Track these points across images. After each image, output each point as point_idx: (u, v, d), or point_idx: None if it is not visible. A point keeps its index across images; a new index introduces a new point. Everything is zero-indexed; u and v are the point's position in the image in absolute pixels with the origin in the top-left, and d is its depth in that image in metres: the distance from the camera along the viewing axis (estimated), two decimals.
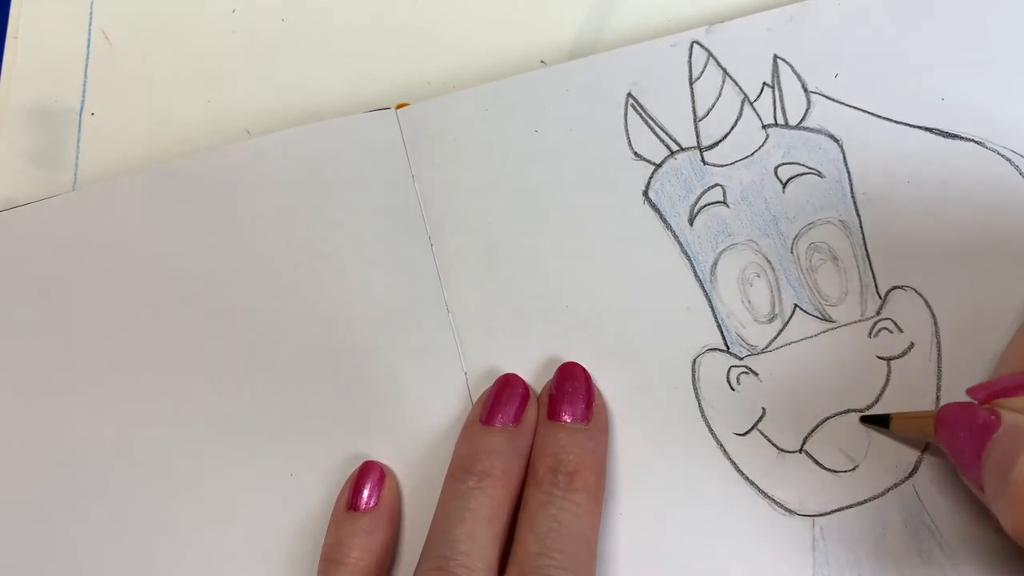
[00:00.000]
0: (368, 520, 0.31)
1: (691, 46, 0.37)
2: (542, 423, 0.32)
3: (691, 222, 0.35)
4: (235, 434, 0.34)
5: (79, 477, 0.34)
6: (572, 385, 0.33)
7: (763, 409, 0.33)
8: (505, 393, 0.32)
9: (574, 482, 0.30)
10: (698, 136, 0.36)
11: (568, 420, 0.32)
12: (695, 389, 0.33)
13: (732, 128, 0.36)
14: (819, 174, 0.35)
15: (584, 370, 0.33)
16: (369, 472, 0.32)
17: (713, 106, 0.36)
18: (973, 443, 0.26)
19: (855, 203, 0.34)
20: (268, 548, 0.33)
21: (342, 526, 0.32)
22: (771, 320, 0.34)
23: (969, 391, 0.27)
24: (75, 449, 0.34)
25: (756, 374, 0.33)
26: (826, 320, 0.33)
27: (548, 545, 0.29)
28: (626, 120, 0.36)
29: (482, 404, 0.33)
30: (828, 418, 0.32)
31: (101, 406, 0.34)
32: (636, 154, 0.36)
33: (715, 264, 0.34)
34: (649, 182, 0.35)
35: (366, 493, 0.32)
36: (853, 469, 0.32)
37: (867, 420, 0.32)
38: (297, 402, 0.34)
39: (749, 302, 0.34)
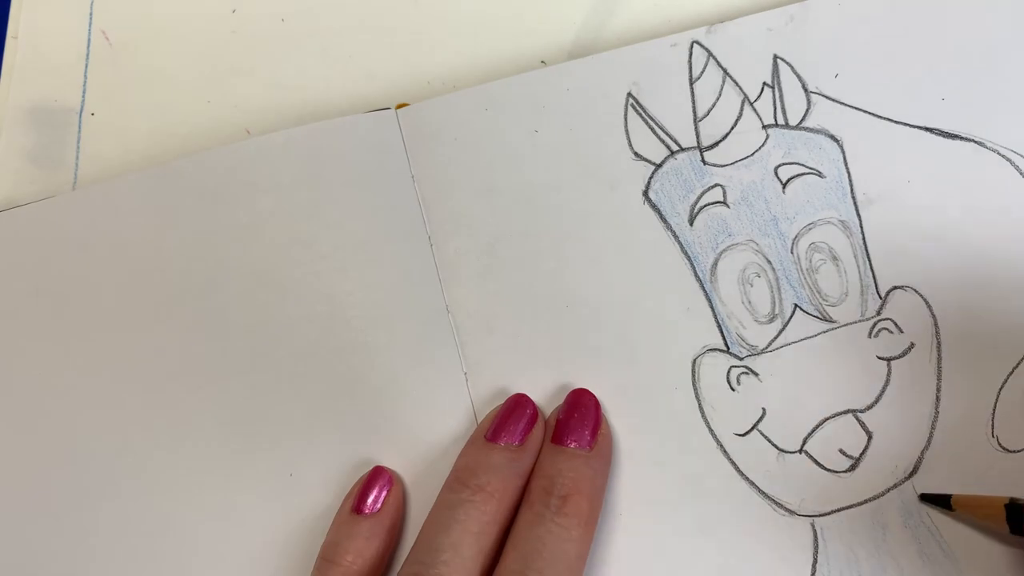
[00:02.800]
0: (369, 525, 0.31)
1: (691, 46, 0.37)
2: (545, 446, 0.32)
3: (691, 222, 0.35)
4: (234, 434, 0.34)
5: (79, 477, 0.34)
6: (581, 412, 0.32)
7: (763, 409, 0.33)
8: (514, 413, 0.32)
9: (565, 506, 0.30)
10: (698, 136, 0.36)
11: (571, 446, 0.32)
12: (695, 389, 0.33)
13: (732, 128, 0.36)
14: (819, 174, 0.35)
15: (594, 398, 0.33)
16: (378, 478, 0.32)
17: (713, 106, 0.36)
18: None
19: (855, 203, 0.34)
20: (267, 547, 0.33)
21: (343, 527, 0.32)
22: (771, 320, 0.34)
23: None
24: (74, 449, 0.34)
25: (756, 374, 0.33)
26: (826, 320, 0.33)
27: (528, 564, 0.29)
28: (626, 120, 0.36)
29: (490, 421, 0.33)
30: (828, 418, 0.32)
31: (101, 406, 0.34)
32: (636, 154, 0.36)
33: (715, 264, 0.34)
34: (649, 182, 0.35)
35: (371, 498, 0.32)
36: (853, 469, 0.32)
37: (926, 498, 0.31)
38: (297, 402, 0.34)
39: (749, 302, 0.34)
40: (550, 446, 0.32)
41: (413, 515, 0.33)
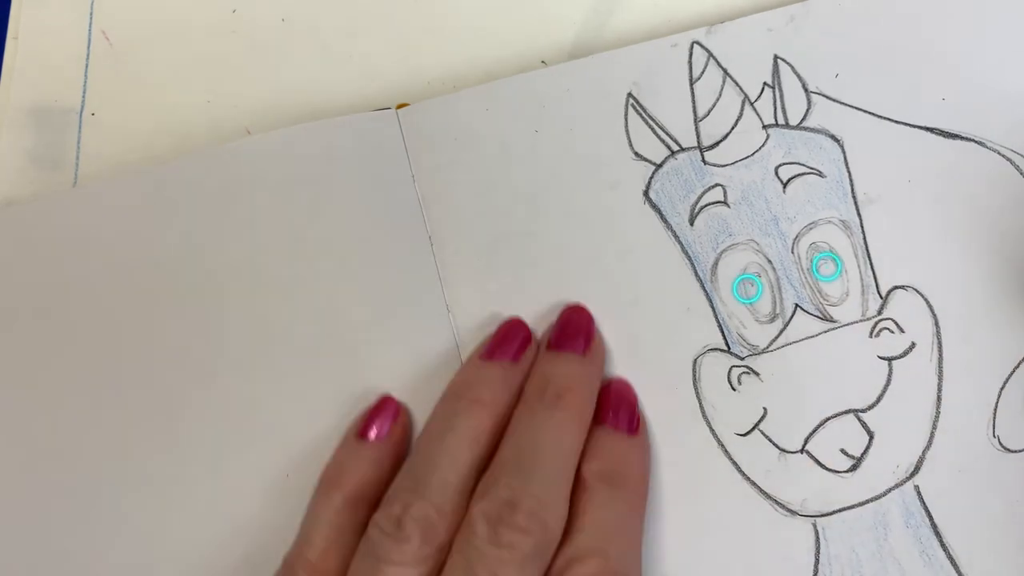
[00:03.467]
0: (373, 451, 0.32)
1: (691, 46, 0.37)
2: (539, 354, 0.33)
3: (692, 222, 0.35)
4: (233, 434, 0.34)
5: (77, 476, 0.33)
6: (575, 324, 0.33)
7: (764, 409, 0.33)
8: (508, 333, 0.33)
9: (560, 401, 0.30)
10: (698, 136, 0.36)
11: (566, 352, 0.32)
12: (696, 389, 0.33)
13: (733, 128, 0.36)
14: (820, 174, 0.35)
15: (587, 312, 0.34)
16: (385, 407, 0.33)
17: (713, 106, 0.36)
18: None
19: (856, 203, 0.34)
20: (265, 548, 0.33)
21: (347, 451, 0.32)
22: (772, 320, 0.34)
23: None
24: (73, 448, 0.34)
25: (757, 374, 0.33)
26: (827, 320, 0.33)
27: (525, 453, 0.29)
28: (626, 120, 0.36)
29: (484, 342, 0.33)
30: (829, 418, 0.32)
31: (100, 405, 0.34)
32: (636, 154, 0.36)
33: (716, 264, 0.34)
34: (649, 182, 0.35)
35: (376, 426, 0.32)
36: (854, 469, 0.32)
37: None
38: (296, 402, 0.34)
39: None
40: (545, 352, 0.32)
41: None
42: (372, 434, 0.32)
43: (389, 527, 0.28)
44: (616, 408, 0.32)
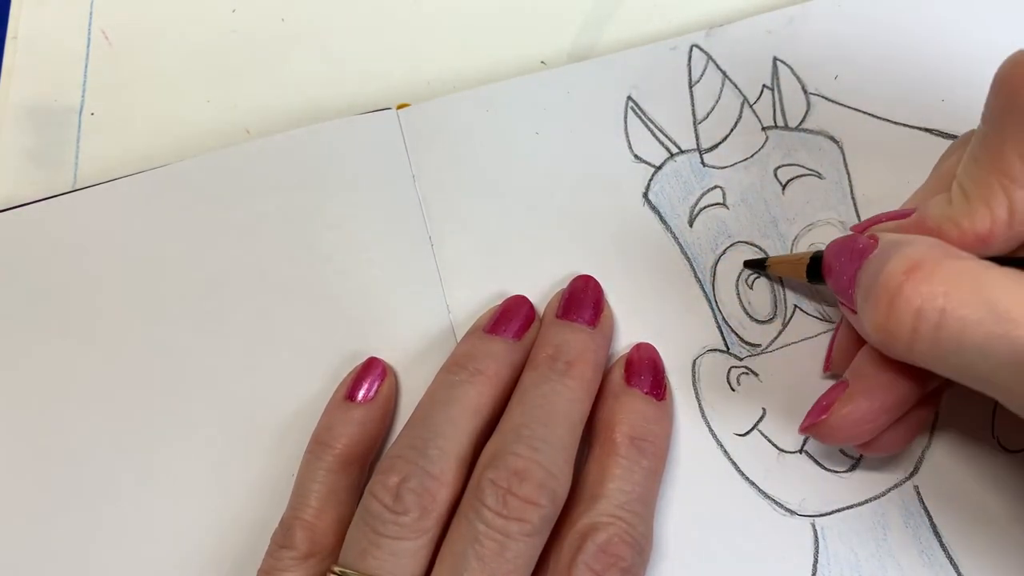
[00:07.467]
0: (361, 412, 0.32)
1: (691, 49, 0.37)
2: (547, 321, 0.33)
3: (691, 223, 0.35)
4: (235, 435, 0.34)
5: (78, 477, 0.33)
6: (582, 293, 0.33)
7: (763, 409, 0.33)
8: (512, 309, 0.33)
9: (571, 370, 0.30)
10: (698, 138, 0.36)
11: (576, 322, 0.32)
12: (695, 390, 0.33)
13: (732, 130, 0.36)
14: (819, 175, 0.35)
15: (596, 282, 0.34)
16: (372, 368, 0.33)
17: (713, 109, 0.36)
18: (851, 264, 0.26)
19: (855, 204, 0.34)
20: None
21: (336, 413, 0.32)
22: (771, 321, 0.34)
23: (852, 227, 0.30)
24: (74, 449, 0.34)
25: (756, 374, 0.33)
26: (826, 321, 0.33)
27: (535, 418, 0.29)
28: (626, 123, 0.36)
29: (488, 315, 0.33)
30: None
31: (100, 406, 0.34)
32: (636, 156, 0.36)
33: (715, 265, 0.34)
34: (649, 184, 0.36)
35: (365, 387, 0.32)
36: (853, 469, 0.32)
37: (750, 264, 0.34)
38: (298, 403, 0.34)
39: (749, 303, 0.34)
40: (554, 320, 0.33)
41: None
42: (360, 395, 0.32)
43: (387, 497, 0.28)
44: (645, 372, 0.32)
